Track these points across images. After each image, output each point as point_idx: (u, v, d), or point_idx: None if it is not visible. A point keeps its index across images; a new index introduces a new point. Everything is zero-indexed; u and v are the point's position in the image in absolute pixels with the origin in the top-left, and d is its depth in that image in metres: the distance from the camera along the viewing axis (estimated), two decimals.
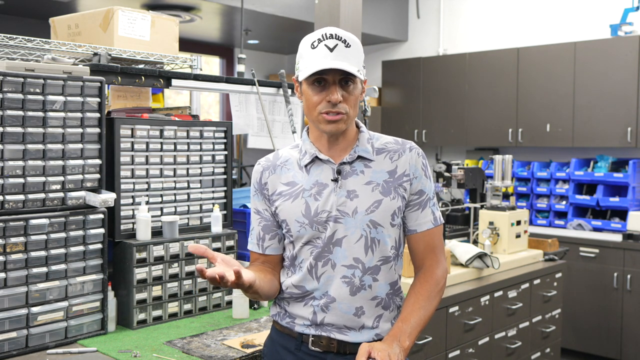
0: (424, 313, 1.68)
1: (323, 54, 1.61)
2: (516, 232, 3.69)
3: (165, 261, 2.42)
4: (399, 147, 1.74)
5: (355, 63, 1.62)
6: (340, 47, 1.61)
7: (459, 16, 6.66)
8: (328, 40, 1.62)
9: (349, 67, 1.59)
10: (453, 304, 3.00)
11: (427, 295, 1.71)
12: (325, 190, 1.67)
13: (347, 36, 1.64)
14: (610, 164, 5.29)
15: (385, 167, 1.70)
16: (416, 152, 1.73)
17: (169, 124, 2.54)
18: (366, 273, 1.66)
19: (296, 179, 1.71)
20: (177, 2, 5.27)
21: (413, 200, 1.72)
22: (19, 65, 2.10)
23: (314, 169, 1.71)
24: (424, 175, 1.73)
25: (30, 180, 2.08)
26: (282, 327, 1.76)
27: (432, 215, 1.74)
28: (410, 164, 1.71)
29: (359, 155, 1.70)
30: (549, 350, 3.78)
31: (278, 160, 1.77)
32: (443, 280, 1.75)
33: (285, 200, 1.70)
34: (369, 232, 1.66)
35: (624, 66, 5.13)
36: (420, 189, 1.72)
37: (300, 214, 1.67)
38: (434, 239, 1.75)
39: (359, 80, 1.66)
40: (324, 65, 1.58)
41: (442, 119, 6.34)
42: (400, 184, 1.69)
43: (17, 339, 2.01)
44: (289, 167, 1.74)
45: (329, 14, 4.12)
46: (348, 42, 1.62)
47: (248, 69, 5.51)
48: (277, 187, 1.73)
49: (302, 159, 1.72)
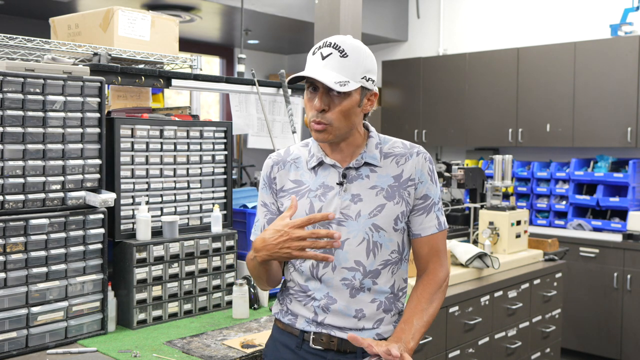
0: (427, 315, 1.70)
1: (315, 61, 1.61)
2: (516, 232, 3.69)
3: (165, 261, 2.42)
4: (406, 151, 1.73)
5: (348, 74, 1.58)
6: (334, 57, 1.58)
7: (459, 16, 6.66)
8: (324, 48, 1.61)
9: (332, 76, 1.56)
10: (453, 304, 3.00)
11: (429, 298, 1.72)
12: (330, 193, 1.68)
13: (349, 46, 1.60)
14: (610, 164, 5.29)
15: (391, 172, 1.70)
16: (423, 156, 1.73)
17: (169, 124, 2.54)
18: (367, 276, 1.67)
19: (304, 178, 1.73)
20: (177, 2, 5.27)
21: (418, 204, 1.72)
22: (19, 65, 2.10)
23: (321, 171, 1.72)
24: (430, 180, 1.73)
25: (30, 180, 2.08)
26: (284, 325, 1.76)
27: (436, 220, 1.74)
28: (417, 168, 1.71)
29: (366, 161, 1.70)
30: (549, 350, 3.78)
31: (289, 156, 1.78)
32: (445, 282, 1.77)
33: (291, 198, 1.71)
34: (371, 235, 1.66)
35: (624, 66, 5.13)
36: (426, 193, 1.72)
37: (304, 213, 1.68)
38: (438, 243, 1.75)
39: (356, 91, 1.61)
40: (302, 72, 1.59)
41: (442, 119, 6.34)
42: (405, 189, 1.69)
43: (17, 339, 2.01)
44: (298, 166, 1.75)
45: (329, 14, 4.12)
46: (346, 52, 1.59)
47: (248, 69, 5.51)
48: (284, 183, 1.74)
49: (309, 161, 1.73)
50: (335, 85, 1.56)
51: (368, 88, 1.65)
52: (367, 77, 1.63)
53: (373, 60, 1.66)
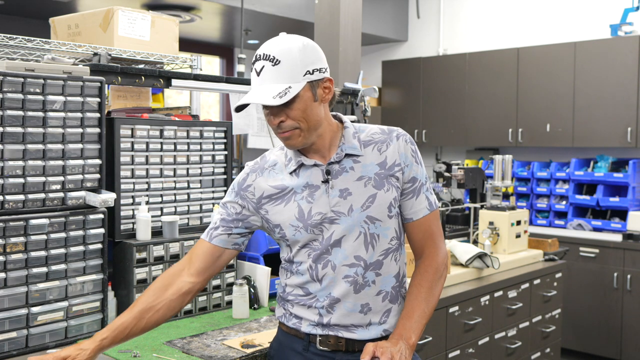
0: (427, 305, 1.67)
1: (253, 80, 1.58)
2: (516, 232, 3.69)
3: (165, 261, 2.42)
4: (385, 136, 1.69)
5: (287, 79, 1.54)
6: (267, 68, 1.55)
7: (459, 16, 6.66)
8: (257, 62, 1.57)
9: (269, 91, 1.52)
10: (453, 304, 3.00)
11: (429, 286, 1.69)
12: (317, 192, 1.65)
13: (278, 51, 1.55)
14: (610, 164, 5.30)
15: (375, 160, 1.67)
16: (404, 139, 1.69)
17: (169, 124, 2.54)
18: (368, 269, 1.65)
19: (285, 182, 1.68)
20: (177, 2, 5.27)
21: (407, 188, 1.69)
22: (19, 65, 2.10)
23: (302, 171, 1.67)
24: (415, 162, 1.70)
25: (30, 180, 2.08)
26: (288, 329, 1.74)
27: (426, 201, 1.71)
28: (400, 152, 1.68)
29: (347, 153, 1.66)
30: (549, 350, 3.78)
31: (266, 163, 1.74)
32: (444, 266, 1.73)
33: (277, 204, 1.68)
34: (367, 228, 1.64)
35: (624, 66, 5.13)
36: (413, 176, 1.69)
37: (293, 217, 1.65)
38: (431, 225, 1.72)
39: (304, 89, 1.56)
40: (242, 100, 1.56)
41: (442, 119, 6.34)
42: (392, 175, 1.66)
43: (17, 339, 2.01)
44: (277, 171, 1.71)
45: (329, 14, 4.12)
46: (277, 58, 1.54)
47: (248, 69, 5.50)
48: (264, 190, 1.70)
49: (288, 165, 1.69)
50: (275, 100, 1.51)
51: (316, 79, 1.59)
52: (310, 71, 1.57)
53: (312, 50, 1.59)
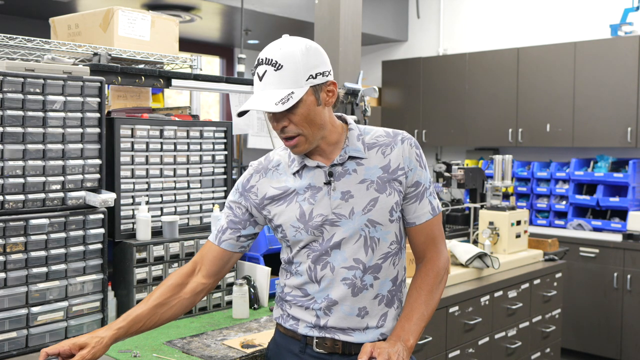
0: (427, 308, 1.66)
1: (255, 85, 1.58)
2: (516, 232, 3.69)
3: (165, 261, 2.42)
4: (390, 139, 1.68)
5: (290, 84, 1.52)
6: (270, 73, 1.53)
7: (459, 16, 6.66)
8: (259, 67, 1.56)
9: (272, 97, 1.51)
10: (453, 304, 3.00)
11: (429, 289, 1.68)
12: (319, 194, 1.64)
13: (281, 55, 1.53)
14: (610, 164, 5.30)
15: (378, 163, 1.65)
16: (408, 143, 1.68)
17: (169, 124, 2.54)
18: (367, 272, 1.64)
19: (288, 183, 1.68)
20: (177, 2, 5.27)
21: (410, 192, 1.68)
22: (19, 65, 2.10)
23: (305, 172, 1.67)
24: (419, 166, 1.68)
25: (30, 180, 2.08)
26: (285, 330, 1.74)
27: (429, 205, 1.70)
28: (404, 156, 1.66)
29: (350, 155, 1.65)
30: (549, 350, 3.78)
31: (270, 163, 1.73)
32: (444, 270, 1.73)
33: (279, 205, 1.67)
34: (368, 231, 1.63)
35: (624, 66, 5.13)
36: (417, 180, 1.68)
37: (294, 218, 1.65)
38: (433, 229, 1.72)
39: (307, 93, 1.55)
40: (244, 106, 1.57)
41: (442, 119, 6.34)
42: (395, 179, 1.65)
43: (17, 339, 2.01)
44: (280, 172, 1.70)
45: (329, 14, 4.12)
46: (280, 62, 1.52)
47: (248, 69, 5.50)
48: (267, 191, 1.69)
49: (291, 165, 1.68)
50: (277, 107, 1.50)
51: (320, 83, 1.57)
52: (313, 75, 1.55)
53: (315, 53, 1.57)
